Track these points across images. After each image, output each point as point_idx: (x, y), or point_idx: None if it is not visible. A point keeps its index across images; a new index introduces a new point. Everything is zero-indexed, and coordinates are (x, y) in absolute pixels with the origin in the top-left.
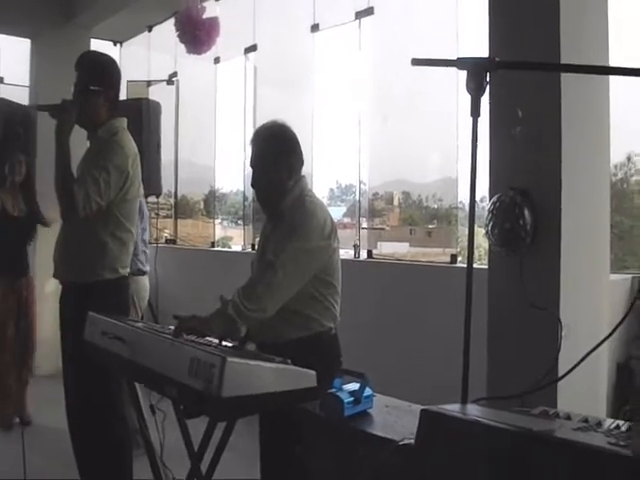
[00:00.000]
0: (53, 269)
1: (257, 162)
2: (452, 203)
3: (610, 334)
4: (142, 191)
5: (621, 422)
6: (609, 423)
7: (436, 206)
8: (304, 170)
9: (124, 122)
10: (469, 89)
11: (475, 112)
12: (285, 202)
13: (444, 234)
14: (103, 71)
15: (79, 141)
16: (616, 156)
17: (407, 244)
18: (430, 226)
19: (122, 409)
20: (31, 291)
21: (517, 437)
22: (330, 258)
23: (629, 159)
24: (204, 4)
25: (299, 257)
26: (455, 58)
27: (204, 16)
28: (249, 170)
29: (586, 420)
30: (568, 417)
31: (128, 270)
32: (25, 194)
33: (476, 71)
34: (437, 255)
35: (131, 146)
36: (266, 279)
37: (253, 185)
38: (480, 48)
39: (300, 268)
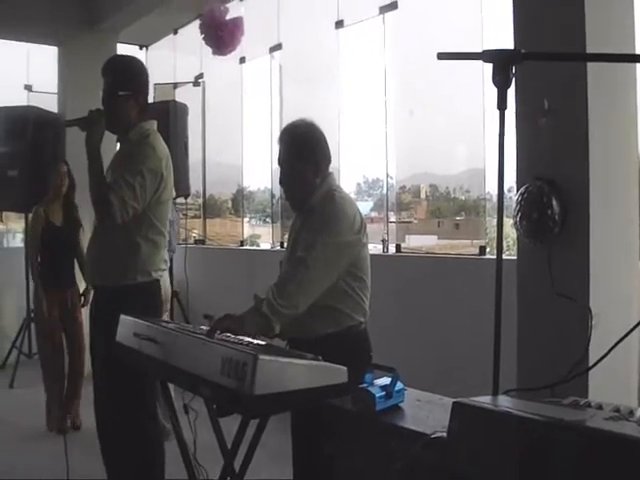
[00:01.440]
0: (86, 274)
1: (284, 160)
2: (480, 194)
3: (639, 323)
4: (174, 193)
5: None
6: None
7: (463, 198)
8: (332, 165)
9: (154, 124)
10: (495, 82)
11: (502, 104)
12: (313, 198)
13: (472, 225)
14: (130, 75)
15: (107, 146)
16: None
17: (435, 237)
18: (458, 218)
19: (154, 409)
20: (77, 300)
21: (548, 427)
22: (360, 253)
23: None
24: (227, 5)
25: (330, 252)
26: (480, 51)
27: (228, 17)
28: (276, 168)
29: (618, 409)
30: (599, 407)
31: (160, 273)
32: (66, 203)
33: (502, 64)
34: (465, 247)
35: (163, 148)
36: (298, 276)
37: (281, 183)
38: (505, 40)
39: (331, 263)
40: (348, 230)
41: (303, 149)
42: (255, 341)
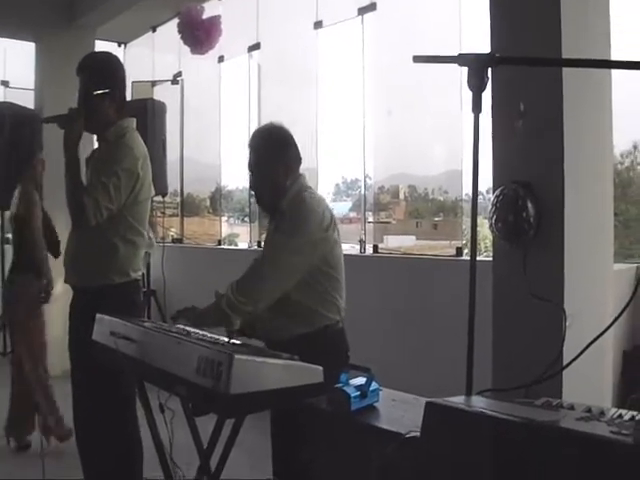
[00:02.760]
0: (64, 274)
1: (255, 165)
2: (458, 195)
3: (613, 322)
4: (153, 191)
5: (624, 411)
6: (612, 412)
7: (442, 198)
8: (310, 166)
9: (133, 122)
10: (470, 85)
11: (476, 108)
12: (284, 201)
13: (450, 226)
14: (105, 72)
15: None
16: (622, 144)
17: (414, 237)
18: (436, 219)
19: (133, 409)
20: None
21: (520, 428)
22: (331, 250)
23: (635, 147)
24: (204, 4)
25: (292, 251)
26: (457, 54)
27: (206, 16)
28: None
29: (589, 410)
30: (571, 407)
31: (140, 273)
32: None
33: (477, 67)
34: (444, 248)
35: (140, 147)
36: (257, 273)
37: (252, 187)
38: (484, 42)
39: (293, 262)
40: (315, 228)
41: (273, 153)
42: (232, 340)
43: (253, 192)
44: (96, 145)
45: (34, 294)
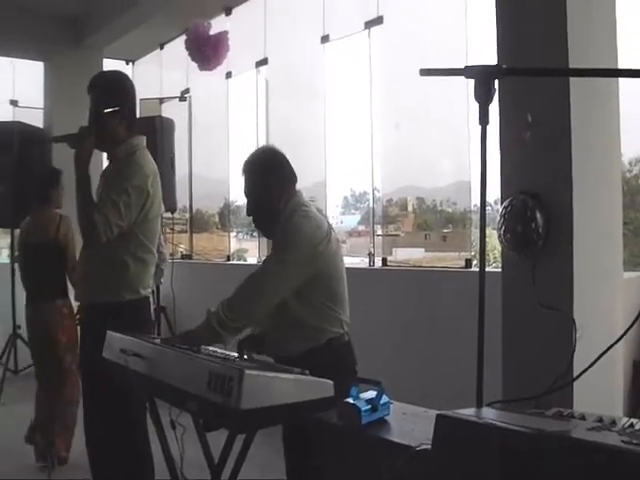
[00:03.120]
0: (75, 291)
1: (249, 191)
2: (466, 207)
3: (625, 332)
4: (163, 209)
5: (635, 420)
6: (623, 422)
7: (450, 210)
8: (318, 179)
9: (143, 140)
10: (477, 97)
11: (483, 120)
12: (279, 223)
13: (459, 238)
14: (115, 90)
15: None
16: (631, 152)
17: (422, 249)
18: (445, 230)
19: (144, 426)
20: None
21: (531, 439)
22: (329, 263)
23: None
24: (211, 20)
25: (280, 268)
26: (464, 66)
27: (213, 32)
28: None
29: (600, 420)
30: (582, 417)
31: (150, 290)
32: None
33: (484, 79)
34: (453, 259)
35: (151, 165)
36: (246, 290)
37: (249, 213)
38: (490, 54)
39: (281, 278)
40: (304, 245)
41: (265, 179)
42: (243, 356)
43: (250, 217)
44: (106, 162)
45: (69, 314)
